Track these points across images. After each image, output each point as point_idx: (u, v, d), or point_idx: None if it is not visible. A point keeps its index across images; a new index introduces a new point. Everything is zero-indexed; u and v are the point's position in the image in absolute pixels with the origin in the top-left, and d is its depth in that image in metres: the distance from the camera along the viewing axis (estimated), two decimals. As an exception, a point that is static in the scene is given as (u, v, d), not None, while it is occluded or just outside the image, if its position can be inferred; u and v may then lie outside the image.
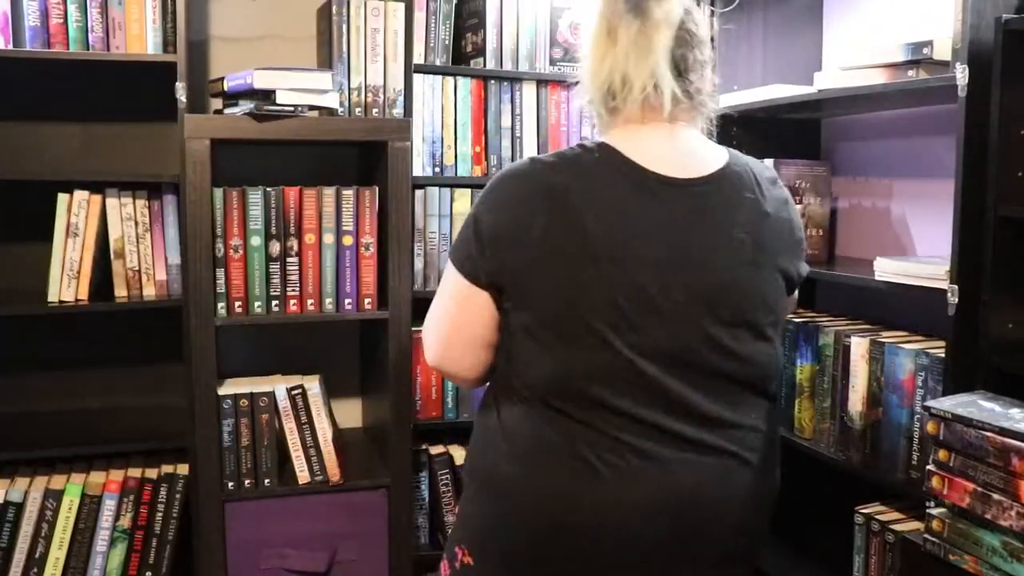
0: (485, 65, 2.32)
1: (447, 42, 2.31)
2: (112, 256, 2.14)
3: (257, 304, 2.09)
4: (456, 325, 1.31)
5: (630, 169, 1.23)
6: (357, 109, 2.24)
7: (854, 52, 2.04)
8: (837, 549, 2.18)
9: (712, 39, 2.48)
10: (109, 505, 2.11)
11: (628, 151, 1.25)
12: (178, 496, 2.17)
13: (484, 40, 2.31)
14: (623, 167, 1.24)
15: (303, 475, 2.14)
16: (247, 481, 2.11)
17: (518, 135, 2.37)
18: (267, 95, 2.02)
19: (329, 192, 2.12)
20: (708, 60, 1.33)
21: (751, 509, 1.29)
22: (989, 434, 1.43)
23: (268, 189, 2.08)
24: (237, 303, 2.08)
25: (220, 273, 2.06)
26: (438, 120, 2.30)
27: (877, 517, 1.88)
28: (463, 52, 2.40)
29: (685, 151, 1.28)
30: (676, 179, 1.25)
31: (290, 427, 2.13)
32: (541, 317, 1.22)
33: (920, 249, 2.17)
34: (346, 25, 2.22)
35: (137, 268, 2.16)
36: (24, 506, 2.06)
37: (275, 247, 2.09)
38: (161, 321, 2.23)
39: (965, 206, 1.67)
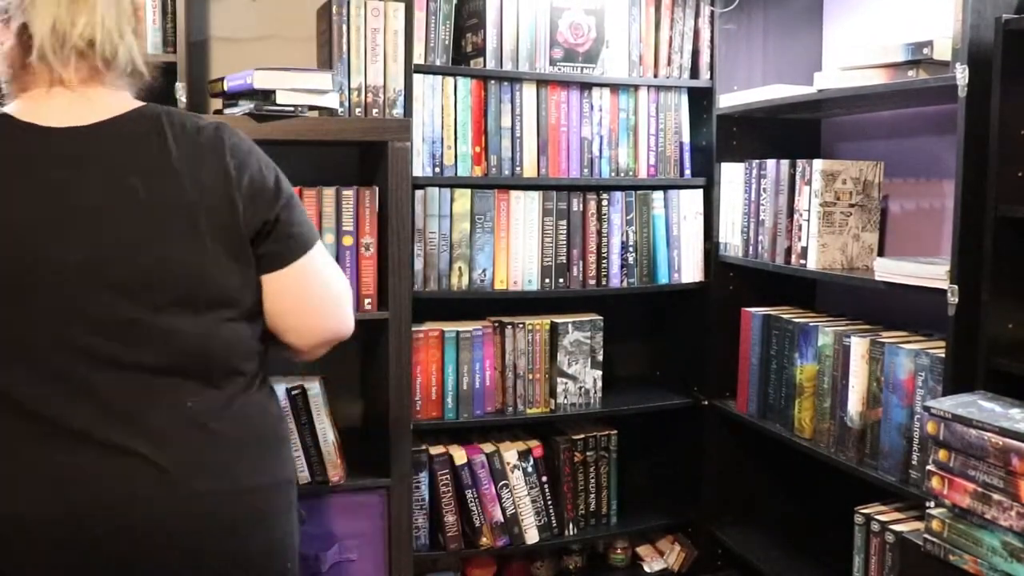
0: (485, 65, 2.32)
1: (447, 42, 2.31)
2: (112, 256, 2.14)
3: (257, 304, 2.08)
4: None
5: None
6: (357, 109, 2.24)
7: (854, 52, 2.04)
8: (837, 549, 2.18)
9: (709, 39, 2.49)
10: (109, 505, 2.11)
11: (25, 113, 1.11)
12: (178, 496, 2.17)
13: (484, 40, 2.31)
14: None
15: (303, 475, 2.14)
16: (247, 481, 2.11)
17: (518, 135, 2.37)
18: (267, 95, 2.02)
19: (329, 192, 2.11)
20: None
21: (194, 529, 1.09)
22: (989, 434, 1.43)
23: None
24: (237, 303, 2.07)
25: (220, 273, 2.05)
26: (438, 120, 2.30)
27: (877, 517, 1.89)
28: (463, 52, 2.40)
29: (82, 100, 1.12)
30: (52, 127, 1.09)
31: (290, 427, 2.13)
32: None
33: (919, 249, 2.17)
34: (346, 25, 2.22)
35: (137, 268, 2.15)
36: (24, 506, 2.06)
37: (275, 247, 2.09)
38: (161, 321, 2.22)
39: (965, 206, 1.67)
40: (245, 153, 1.16)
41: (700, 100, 2.56)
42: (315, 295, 1.24)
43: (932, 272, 1.77)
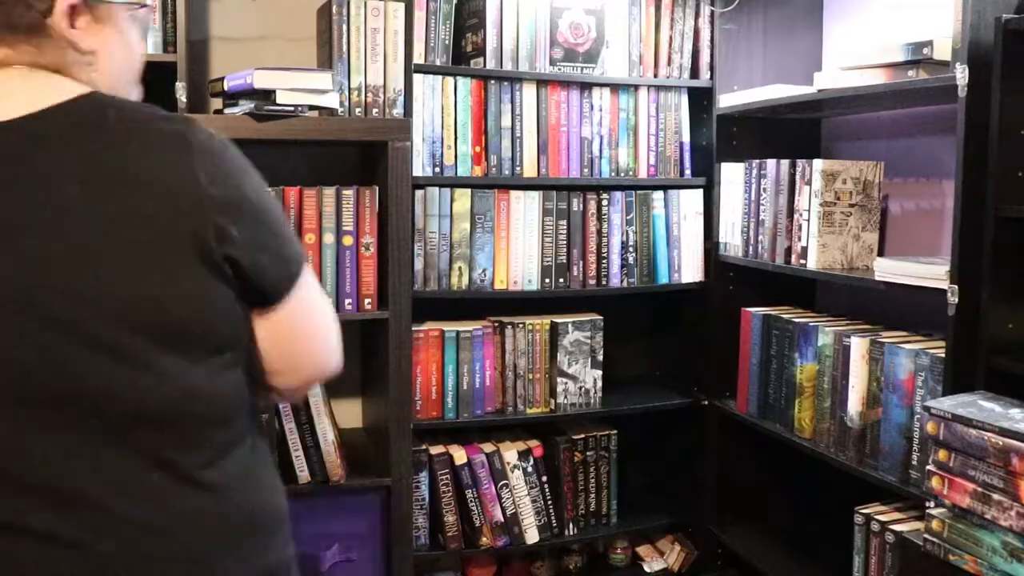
0: (485, 65, 2.32)
1: (447, 42, 2.31)
2: (112, 256, 2.14)
3: (257, 304, 2.08)
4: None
5: None
6: (357, 109, 2.24)
7: (854, 52, 2.04)
8: (837, 549, 2.18)
9: (709, 39, 2.49)
10: (109, 505, 2.11)
11: None
12: (178, 496, 2.17)
13: (484, 40, 2.31)
14: None
15: (303, 475, 2.14)
16: (247, 481, 2.11)
17: (518, 135, 2.37)
18: (267, 95, 2.02)
19: (329, 192, 2.11)
20: None
21: None
22: (989, 434, 1.43)
23: (268, 189, 2.07)
24: (237, 303, 2.07)
25: (220, 273, 2.05)
26: (438, 120, 2.30)
27: (877, 517, 1.89)
28: (463, 52, 2.40)
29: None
30: None
31: (290, 427, 2.13)
32: None
33: (919, 249, 2.17)
34: (346, 25, 2.22)
35: (137, 268, 2.15)
36: (24, 506, 2.06)
37: (275, 247, 2.09)
38: (161, 321, 2.22)
39: (965, 206, 1.67)
40: (217, 154, 0.91)
41: (700, 100, 2.56)
42: (309, 331, 1.03)
43: (932, 272, 1.77)
